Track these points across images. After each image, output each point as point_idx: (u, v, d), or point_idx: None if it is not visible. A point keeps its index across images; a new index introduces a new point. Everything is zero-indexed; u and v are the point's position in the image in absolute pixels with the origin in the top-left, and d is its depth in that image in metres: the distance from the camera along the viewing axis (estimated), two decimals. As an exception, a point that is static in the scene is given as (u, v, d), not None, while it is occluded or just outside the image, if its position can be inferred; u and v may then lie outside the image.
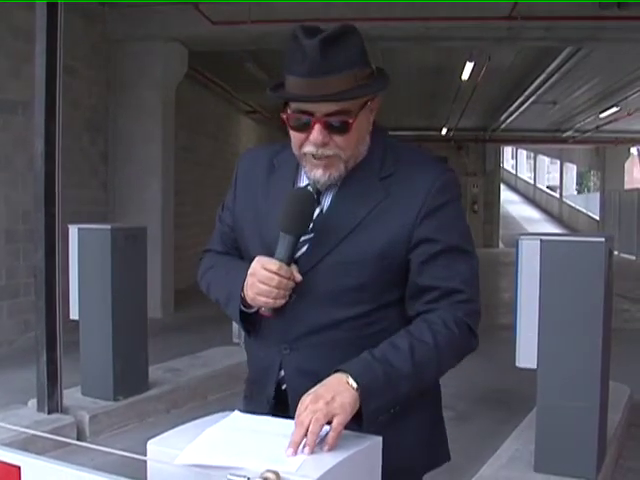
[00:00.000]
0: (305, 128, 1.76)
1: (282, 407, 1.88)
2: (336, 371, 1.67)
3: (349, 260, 1.81)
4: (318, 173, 1.80)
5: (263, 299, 1.78)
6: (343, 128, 1.75)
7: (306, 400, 1.61)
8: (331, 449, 1.52)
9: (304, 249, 1.83)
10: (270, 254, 1.80)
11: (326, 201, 1.87)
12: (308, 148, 1.78)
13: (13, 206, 8.60)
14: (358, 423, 1.63)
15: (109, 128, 11.24)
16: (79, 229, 6.10)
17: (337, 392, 1.61)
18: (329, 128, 1.75)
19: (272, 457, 1.45)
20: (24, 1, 7.02)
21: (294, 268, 1.79)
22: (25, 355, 7.25)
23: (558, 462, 4.28)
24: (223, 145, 17.33)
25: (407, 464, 1.89)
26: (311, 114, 1.74)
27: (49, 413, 5.43)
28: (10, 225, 8.61)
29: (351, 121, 1.74)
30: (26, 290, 8.57)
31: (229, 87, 16.14)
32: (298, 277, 1.79)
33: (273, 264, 1.76)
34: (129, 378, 6.08)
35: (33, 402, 5.59)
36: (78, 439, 5.35)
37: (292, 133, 1.82)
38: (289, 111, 1.79)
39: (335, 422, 1.56)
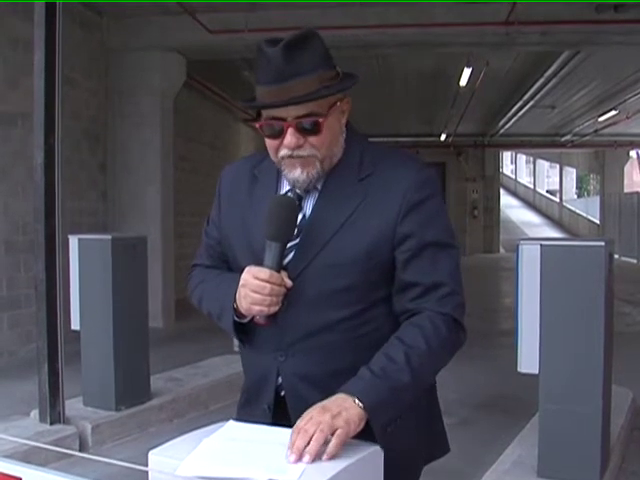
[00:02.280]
0: (279, 134, 1.81)
1: (281, 414, 1.89)
2: (339, 391, 1.69)
3: (336, 262, 1.83)
4: (297, 172, 1.83)
5: (257, 308, 1.80)
6: (314, 128, 1.79)
7: (313, 411, 1.62)
8: (331, 457, 1.53)
9: (290, 255, 1.85)
10: (259, 262, 1.81)
11: (308, 206, 1.90)
12: (283, 151, 1.82)
13: (13, 217, 8.60)
14: (369, 439, 1.65)
15: (108, 138, 11.26)
16: (79, 239, 6.10)
17: (344, 408, 1.63)
18: (301, 130, 1.79)
19: (272, 467, 1.45)
20: (22, 1, 7.03)
21: (284, 274, 1.81)
22: (27, 366, 7.24)
23: (561, 467, 4.27)
24: (221, 154, 17.34)
25: (406, 457, 1.90)
26: (283, 119, 1.79)
27: (51, 424, 5.42)
28: (10, 236, 8.61)
29: (321, 121, 1.79)
30: (27, 301, 8.56)
31: (227, 95, 16.18)
32: (289, 283, 1.80)
33: (263, 273, 1.78)
34: (131, 388, 6.07)
35: (35, 413, 5.58)
36: (80, 449, 5.35)
37: (267, 141, 1.86)
38: (262, 120, 1.84)
39: (338, 432, 1.57)
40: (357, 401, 1.64)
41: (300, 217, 1.87)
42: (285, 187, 1.93)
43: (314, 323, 1.86)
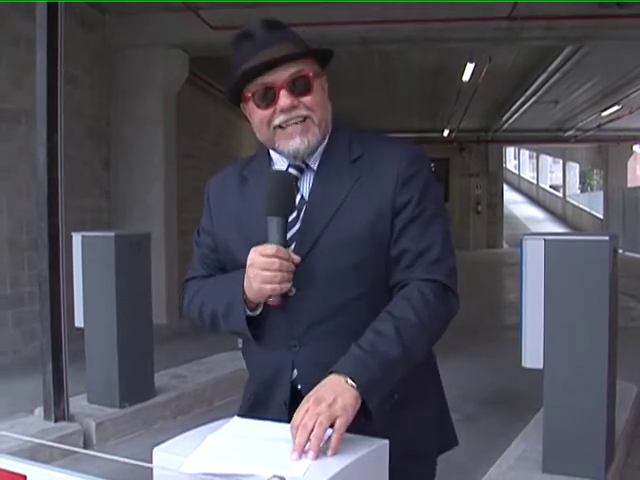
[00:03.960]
0: (272, 100, 1.83)
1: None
2: (330, 372, 1.67)
3: (340, 240, 1.82)
4: (296, 142, 1.84)
5: (269, 286, 1.76)
6: (306, 86, 1.83)
7: (307, 403, 1.60)
8: (335, 452, 1.51)
9: (294, 238, 1.84)
10: None
11: (305, 187, 1.90)
12: (279, 118, 1.83)
13: (17, 215, 8.60)
14: (366, 417, 1.63)
15: (111, 135, 11.26)
16: (83, 237, 6.10)
17: (338, 393, 1.60)
18: (294, 90, 1.82)
19: (277, 462, 1.45)
20: (24, 1, 7.03)
21: (290, 250, 1.79)
22: (31, 364, 7.25)
23: (566, 462, 4.27)
24: (225, 151, 17.33)
25: (421, 447, 1.90)
26: (273, 86, 1.81)
27: (56, 421, 5.43)
28: (14, 234, 8.62)
29: (311, 75, 1.84)
30: (31, 299, 8.56)
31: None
32: (297, 258, 1.78)
33: (270, 248, 1.75)
34: (135, 385, 6.08)
35: (40, 410, 5.59)
36: (85, 446, 5.36)
37: (259, 113, 1.86)
38: (252, 94, 1.86)
39: (338, 424, 1.55)
40: (350, 381, 1.62)
41: (298, 198, 1.87)
42: None
43: (326, 306, 1.84)
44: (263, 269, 1.75)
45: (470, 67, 14.35)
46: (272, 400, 1.92)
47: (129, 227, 10.39)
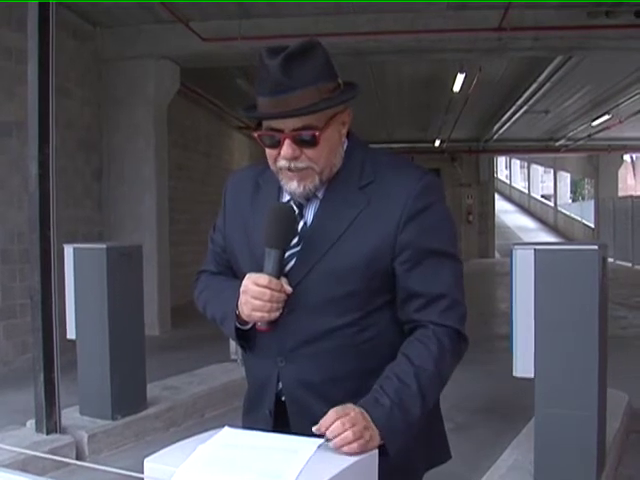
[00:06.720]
0: (276, 144, 1.82)
1: (283, 419, 1.92)
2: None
3: (337, 270, 1.84)
4: (293, 185, 1.85)
5: (258, 314, 1.81)
6: (311, 141, 1.80)
7: (353, 411, 1.65)
8: (336, 445, 1.58)
9: (292, 262, 1.88)
10: (261, 269, 1.83)
11: (309, 213, 1.91)
12: (281, 162, 1.83)
13: (8, 227, 8.60)
14: (381, 454, 1.67)
15: (102, 147, 11.27)
16: (74, 249, 6.09)
17: (372, 428, 1.65)
18: (298, 142, 1.80)
19: (267, 472, 1.45)
20: (15, 1, 7.04)
21: (284, 281, 1.82)
22: (22, 376, 7.24)
23: (557, 471, 4.28)
24: (216, 162, 17.35)
25: (406, 464, 1.91)
26: (280, 131, 1.80)
27: (48, 433, 5.41)
28: (6, 246, 8.60)
29: (318, 134, 1.80)
30: (22, 311, 8.55)
31: (221, 103, 16.19)
32: (288, 289, 1.82)
33: (263, 279, 1.79)
34: (127, 397, 6.07)
35: (31, 423, 5.57)
36: (77, 459, 5.34)
37: (266, 150, 1.87)
38: (259, 135, 1.86)
39: (361, 441, 1.60)
40: (379, 433, 1.67)
41: (301, 224, 1.90)
42: (287, 195, 1.94)
43: (314, 329, 1.87)
44: (254, 298, 1.80)
45: (461, 77, 14.42)
46: (261, 407, 1.99)
47: (121, 238, 10.40)
